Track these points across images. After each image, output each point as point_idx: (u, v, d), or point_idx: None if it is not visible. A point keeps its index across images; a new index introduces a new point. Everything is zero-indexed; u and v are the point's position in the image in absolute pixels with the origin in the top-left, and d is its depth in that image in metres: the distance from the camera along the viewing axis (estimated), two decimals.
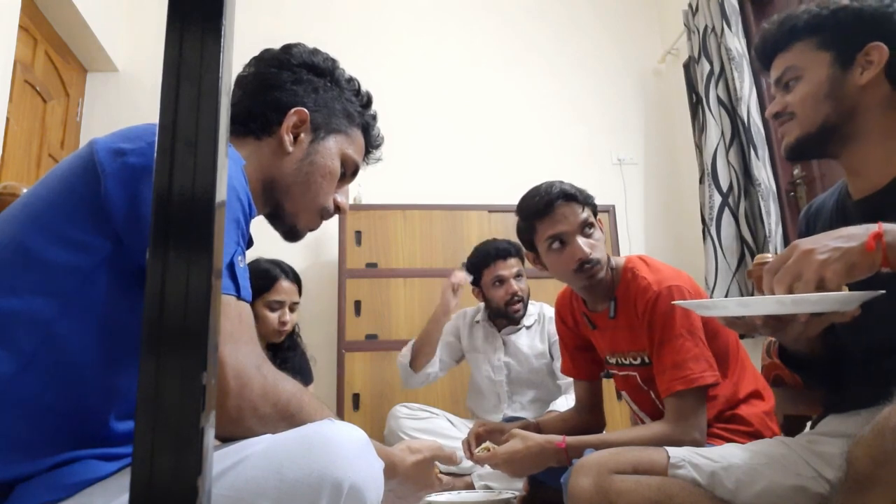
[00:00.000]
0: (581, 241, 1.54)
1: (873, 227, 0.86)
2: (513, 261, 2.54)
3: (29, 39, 2.88)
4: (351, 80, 1.11)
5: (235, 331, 0.75)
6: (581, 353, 1.81)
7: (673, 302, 1.37)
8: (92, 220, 0.74)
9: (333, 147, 1.05)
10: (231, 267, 0.77)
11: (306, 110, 1.02)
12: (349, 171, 1.09)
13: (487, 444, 1.65)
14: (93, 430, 0.74)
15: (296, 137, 1.02)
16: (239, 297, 0.78)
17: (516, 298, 2.52)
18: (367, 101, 1.12)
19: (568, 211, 1.55)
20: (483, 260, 2.55)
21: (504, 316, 2.58)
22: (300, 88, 1.03)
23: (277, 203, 1.02)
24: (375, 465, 0.77)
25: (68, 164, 0.80)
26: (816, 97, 1.13)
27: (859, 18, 1.12)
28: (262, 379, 0.76)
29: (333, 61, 1.09)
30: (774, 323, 1.00)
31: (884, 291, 0.91)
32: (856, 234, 0.87)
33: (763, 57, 1.24)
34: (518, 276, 2.54)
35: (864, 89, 1.10)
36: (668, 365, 1.46)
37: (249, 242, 0.96)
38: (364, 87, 1.13)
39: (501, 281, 2.52)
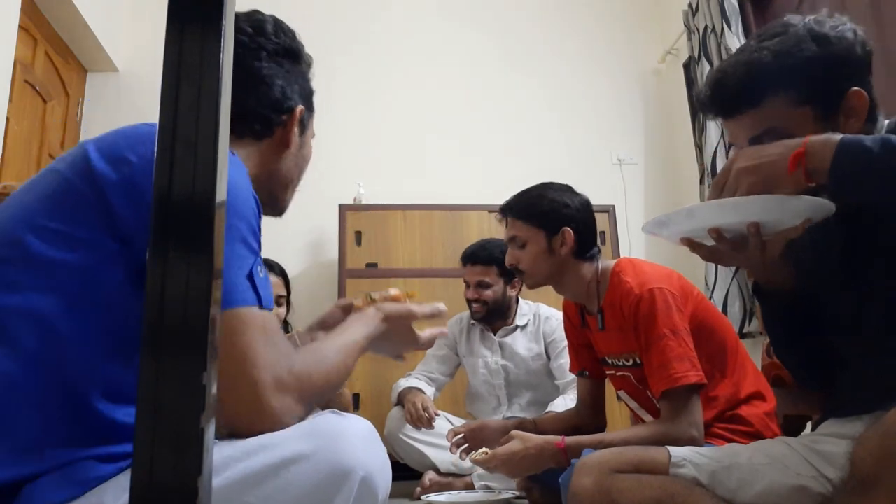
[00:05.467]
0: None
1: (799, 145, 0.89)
2: (476, 268, 2.55)
3: (29, 39, 2.87)
4: (307, 55, 1.09)
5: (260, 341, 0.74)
6: (586, 351, 1.83)
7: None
8: (97, 221, 0.73)
9: (310, 131, 1.08)
10: (251, 277, 0.76)
11: (302, 106, 1.02)
12: None
13: (484, 448, 1.67)
14: (98, 426, 0.73)
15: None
16: (261, 306, 0.77)
17: (474, 306, 2.59)
18: (309, 67, 1.11)
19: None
20: (462, 260, 2.65)
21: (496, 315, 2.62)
22: (287, 83, 1.01)
23: (272, 195, 1.03)
24: (383, 455, 0.81)
25: (63, 162, 0.79)
26: None
27: (835, 64, 1.01)
28: (298, 384, 0.76)
29: (295, 36, 1.07)
30: (733, 247, 1.00)
31: (830, 203, 0.92)
32: (778, 153, 0.90)
33: (722, 107, 1.09)
34: (479, 284, 2.55)
35: None
36: (654, 366, 1.47)
37: None
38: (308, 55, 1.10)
39: (466, 284, 2.61)
